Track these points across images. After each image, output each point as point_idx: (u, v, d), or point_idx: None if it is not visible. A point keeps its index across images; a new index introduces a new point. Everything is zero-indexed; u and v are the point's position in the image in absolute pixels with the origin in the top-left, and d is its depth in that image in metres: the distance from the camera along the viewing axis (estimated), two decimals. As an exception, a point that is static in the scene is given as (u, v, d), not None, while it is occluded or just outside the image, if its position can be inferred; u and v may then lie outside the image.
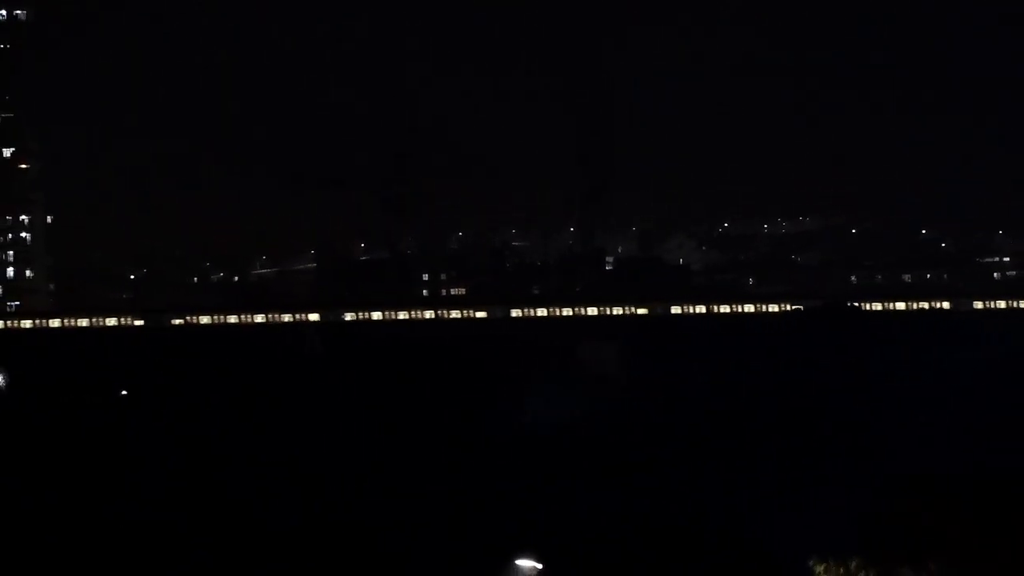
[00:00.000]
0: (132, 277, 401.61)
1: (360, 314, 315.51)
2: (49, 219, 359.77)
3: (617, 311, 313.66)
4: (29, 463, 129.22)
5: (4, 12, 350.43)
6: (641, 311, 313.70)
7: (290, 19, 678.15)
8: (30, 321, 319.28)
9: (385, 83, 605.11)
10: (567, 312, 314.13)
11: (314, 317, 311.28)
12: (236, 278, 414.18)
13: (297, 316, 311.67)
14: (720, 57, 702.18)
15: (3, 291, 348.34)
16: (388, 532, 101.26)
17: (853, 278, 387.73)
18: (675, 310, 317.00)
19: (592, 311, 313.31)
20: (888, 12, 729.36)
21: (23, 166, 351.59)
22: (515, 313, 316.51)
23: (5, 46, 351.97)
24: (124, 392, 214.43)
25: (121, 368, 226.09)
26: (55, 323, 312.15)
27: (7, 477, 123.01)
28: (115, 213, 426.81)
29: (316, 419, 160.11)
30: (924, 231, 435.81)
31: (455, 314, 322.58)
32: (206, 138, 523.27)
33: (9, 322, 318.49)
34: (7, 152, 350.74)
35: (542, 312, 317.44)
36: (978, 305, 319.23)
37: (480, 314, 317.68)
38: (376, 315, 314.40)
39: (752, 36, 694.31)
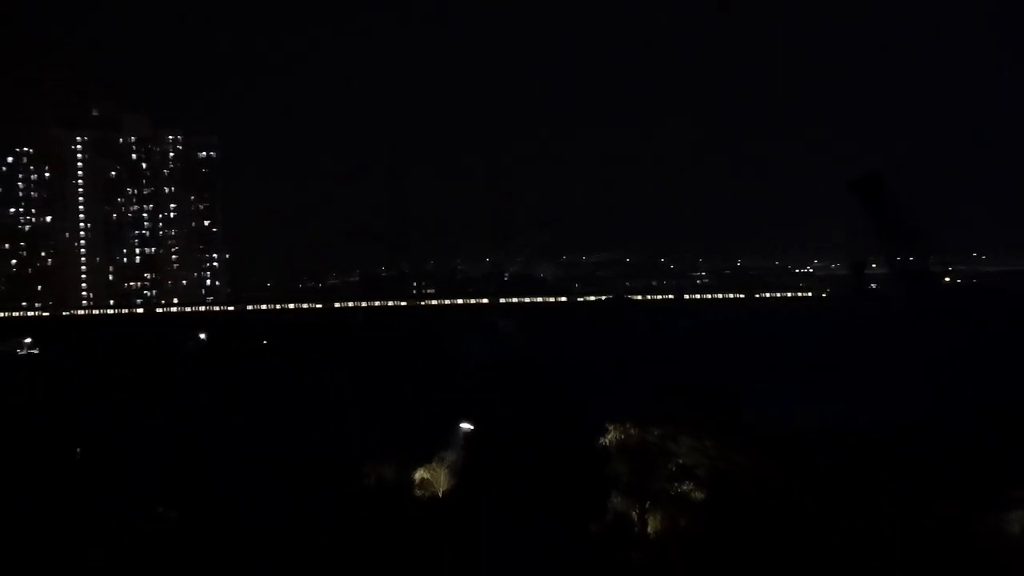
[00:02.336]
0: (268, 284, 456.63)
1: (381, 303, 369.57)
2: (227, 255, 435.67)
3: (513, 301, 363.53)
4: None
5: (204, 153, 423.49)
6: (525, 301, 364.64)
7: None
8: (217, 308, 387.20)
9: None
10: (487, 302, 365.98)
11: (361, 304, 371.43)
12: (319, 284, 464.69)
13: (350, 303, 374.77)
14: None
15: (205, 292, 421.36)
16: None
17: (628, 284, 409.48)
18: (538, 301, 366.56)
19: (500, 301, 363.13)
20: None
21: (214, 229, 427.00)
22: (460, 302, 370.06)
23: (204, 171, 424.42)
24: (265, 341, 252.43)
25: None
26: (230, 308, 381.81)
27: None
28: (257, 251, 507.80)
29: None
30: (662, 259, 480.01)
31: (432, 303, 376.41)
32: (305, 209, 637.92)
33: (207, 308, 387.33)
34: (206, 223, 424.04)
35: (474, 302, 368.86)
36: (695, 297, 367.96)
37: (443, 303, 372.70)
38: (390, 303, 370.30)
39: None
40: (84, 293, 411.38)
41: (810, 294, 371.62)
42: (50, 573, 73.43)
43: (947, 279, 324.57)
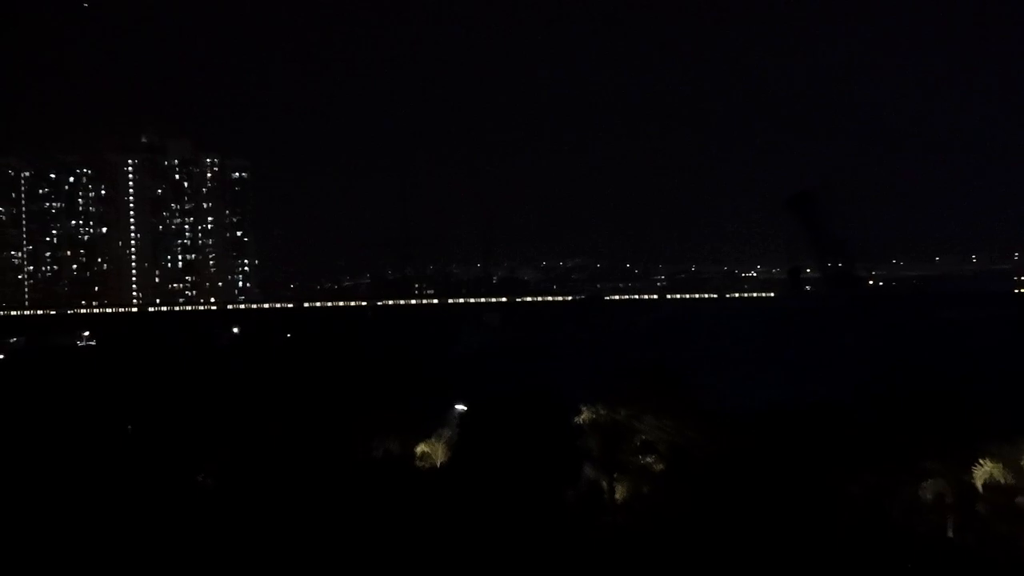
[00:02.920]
0: (292, 286, 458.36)
1: (389, 301, 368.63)
2: (256, 261, 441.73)
3: (498, 300, 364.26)
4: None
5: (238, 174, 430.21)
6: (509, 300, 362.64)
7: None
8: (244, 305, 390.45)
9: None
10: (476, 300, 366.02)
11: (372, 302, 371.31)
12: (335, 285, 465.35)
13: (363, 303, 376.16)
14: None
15: (237, 292, 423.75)
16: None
17: (598, 285, 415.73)
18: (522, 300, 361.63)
19: (486, 300, 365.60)
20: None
21: (245, 239, 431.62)
22: (451, 301, 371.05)
23: (237, 189, 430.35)
24: (289, 335, 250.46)
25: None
26: (265, 306, 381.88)
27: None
28: (282, 258, 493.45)
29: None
30: (627, 264, 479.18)
31: (432, 301, 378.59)
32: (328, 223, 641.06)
33: (241, 305, 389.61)
34: (238, 233, 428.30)
35: (463, 301, 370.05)
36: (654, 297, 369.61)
37: (438, 301, 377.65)
38: (401, 302, 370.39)
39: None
40: (134, 293, 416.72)
41: (754, 295, 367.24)
42: (107, 533, 70.85)
43: (870, 282, 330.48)
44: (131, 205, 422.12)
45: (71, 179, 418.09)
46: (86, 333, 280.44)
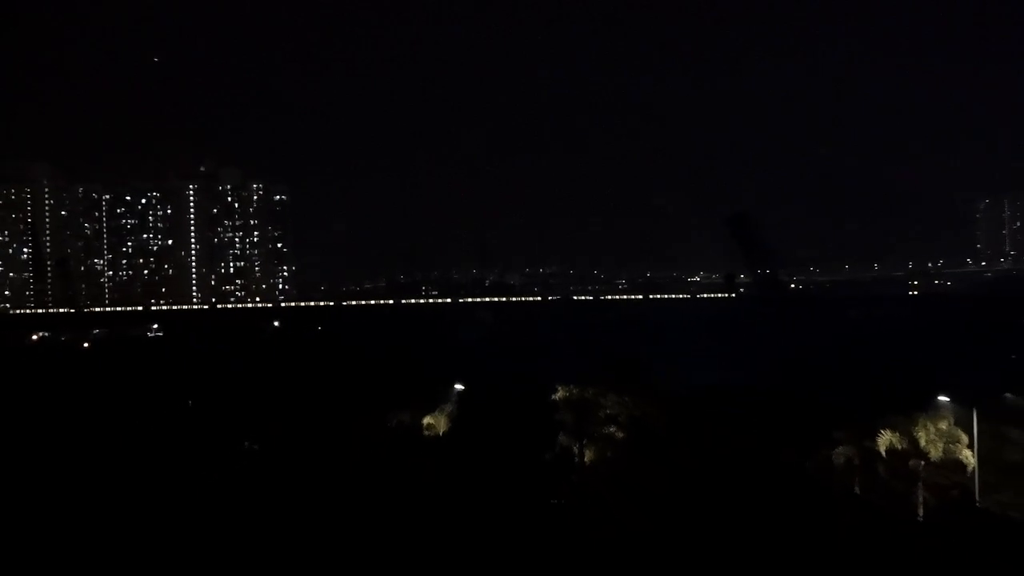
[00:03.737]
0: (322, 287, 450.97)
1: (403, 300, 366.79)
2: (293, 267, 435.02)
3: (491, 300, 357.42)
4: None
5: (278, 197, 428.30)
6: (499, 300, 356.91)
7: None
8: (283, 303, 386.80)
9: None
10: (472, 300, 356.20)
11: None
12: (357, 287, 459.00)
13: (380, 301, 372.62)
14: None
15: (278, 293, 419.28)
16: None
17: (572, 287, 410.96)
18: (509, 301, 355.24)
19: (480, 300, 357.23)
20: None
21: (284, 249, 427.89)
22: (461, 300, 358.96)
23: (278, 208, 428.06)
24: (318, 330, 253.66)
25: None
26: (300, 304, 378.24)
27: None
28: (314, 264, 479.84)
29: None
30: (595, 271, 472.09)
31: (436, 300, 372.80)
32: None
33: (281, 303, 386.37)
34: (279, 245, 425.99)
35: (462, 300, 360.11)
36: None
37: (445, 300, 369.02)
38: (412, 301, 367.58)
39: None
40: (194, 293, 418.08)
41: (701, 296, 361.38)
42: (170, 488, 70.30)
43: (791, 286, 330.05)
44: (191, 222, 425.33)
45: (143, 201, 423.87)
46: (155, 325, 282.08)
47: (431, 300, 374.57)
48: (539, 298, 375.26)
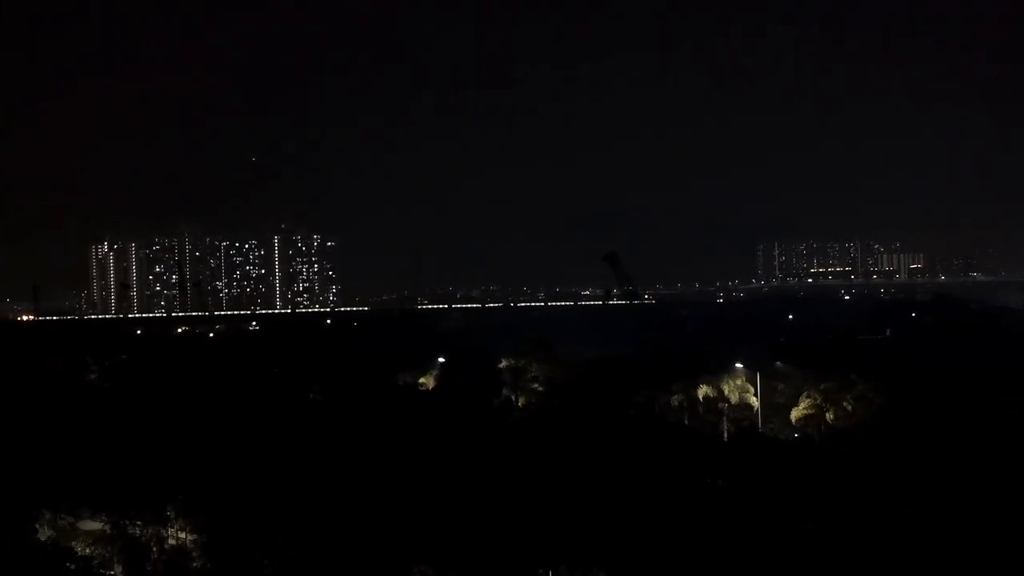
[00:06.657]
0: (356, 299, 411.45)
1: (405, 306, 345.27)
2: (339, 287, 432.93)
3: (461, 306, 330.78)
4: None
5: (330, 243, 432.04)
6: (466, 306, 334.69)
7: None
8: (332, 308, 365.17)
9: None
10: (449, 306, 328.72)
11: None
12: (379, 298, 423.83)
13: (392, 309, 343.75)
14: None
15: (331, 302, 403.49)
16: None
17: (509, 298, 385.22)
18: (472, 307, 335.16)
19: (453, 306, 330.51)
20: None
21: (332, 275, 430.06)
22: (442, 306, 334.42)
23: (330, 248, 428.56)
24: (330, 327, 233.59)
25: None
26: (344, 309, 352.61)
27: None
28: (351, 285, 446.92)
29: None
30: (524, 287, 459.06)
31: (427, 307, 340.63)
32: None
33: (332, 309, 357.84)
34: (329, 272, 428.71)
35: (443, 306, 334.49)
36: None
37: (432, 306, 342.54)
38: (422, 307, 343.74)
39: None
40: (277, 303, 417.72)
41: (590, 303, 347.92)
42: (260, 427, 63.28)
43: (646, 298, 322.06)
44: (276, 259, 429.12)
45: (247, 246, 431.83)
46: (253, 323, 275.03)
47: (424, 306, 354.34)
48: (491, 304, 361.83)
